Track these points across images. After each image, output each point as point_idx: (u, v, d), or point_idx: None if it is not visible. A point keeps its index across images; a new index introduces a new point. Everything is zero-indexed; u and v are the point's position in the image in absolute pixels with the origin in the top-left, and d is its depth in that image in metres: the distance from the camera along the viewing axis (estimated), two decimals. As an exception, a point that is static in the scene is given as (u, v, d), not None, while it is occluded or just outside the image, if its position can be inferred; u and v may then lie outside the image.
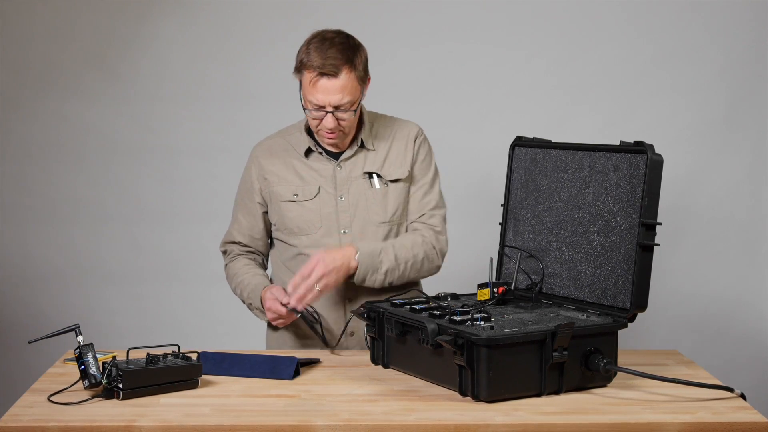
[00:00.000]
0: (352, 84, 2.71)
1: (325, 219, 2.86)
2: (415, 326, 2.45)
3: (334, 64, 2.68)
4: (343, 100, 2.71)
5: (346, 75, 2.69)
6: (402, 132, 2.94)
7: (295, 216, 2.87)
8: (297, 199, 2.87)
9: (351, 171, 2.87)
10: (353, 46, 2.74)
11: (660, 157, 2.43)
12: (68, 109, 4.24)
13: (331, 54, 2.68)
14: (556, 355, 2.33)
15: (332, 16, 4.21)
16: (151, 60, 4.24)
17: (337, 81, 2.69)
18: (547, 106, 4.22)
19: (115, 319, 4.30)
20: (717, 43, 4.17)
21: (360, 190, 2.87)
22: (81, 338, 2.35)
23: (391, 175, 2.88)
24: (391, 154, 2.90)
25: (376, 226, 2.86)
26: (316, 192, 2.86)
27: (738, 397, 2.35)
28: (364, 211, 2.86)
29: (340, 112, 2.72)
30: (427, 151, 2.96)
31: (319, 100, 2.71)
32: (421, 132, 2.96)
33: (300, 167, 2.89)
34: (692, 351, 3.48)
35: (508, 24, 4.22)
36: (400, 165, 2.90)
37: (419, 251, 2.85)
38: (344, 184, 2.87)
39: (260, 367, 2.54)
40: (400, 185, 2.89)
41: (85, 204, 4.29)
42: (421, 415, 2.22)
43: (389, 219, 2.88)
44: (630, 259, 2.46)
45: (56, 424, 2.16)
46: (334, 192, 2.86)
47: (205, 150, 4.27)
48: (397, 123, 2.97)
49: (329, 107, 2.71)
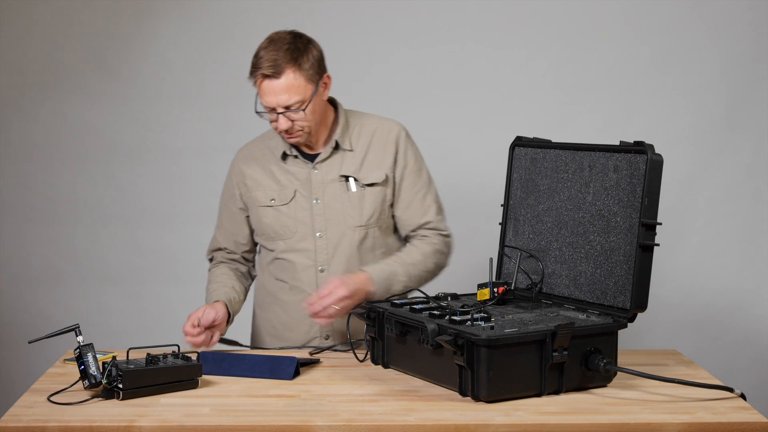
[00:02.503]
0: (298, 84, 2.69)
1: (301, 223, 2.85)
2: (415, 326, 2.45)
3: (277, 64, 2.67)
4: (290, 101, 2.70)
5: (290, 75, 2.69)
6: (382, 132, 2.89)
7: (272, 221, 2.87)
8: (274, 203, 2.87)
9: (327, 174, 2.85)
10: (300, 46, 2.72)
11: (660, 157, 2.43)
12: (68, 109, 4.24)
13: (274, 55, 2.68)
14: (556, 355, 2.33)
15: (332, 16, 4.23)
16: (151, 60, 4.23)
17: (281, 81, 2.68)
18: (547, 106, 4.21)
19: (115, 319, 4.30)
20: (717, 43, 4.17)
21: (336, 193, 2.85)
22: (81, 338, 2.35)
23: (367, 179, 2.85)
24: (369, 155, 2.87)
25: (352, 230, 2.84)
26: (291, 196, 2.86)
27: (738, 397, 2.35)
28: (340, 215, 2.84)
29: (291, 112, 2.71)
30: (414, 151, 2.92)
31: (268, 102, 2.71)
32: (403, 131, 2.91)
33: (278, 171, 2.88)
34: (692, 351, 3.48)
35: (507, 24, 4.22)
36: (378, 167, 2.86)
37: (430, 263, 2.85)
38: (319, 187, 2.85)
39: (260, 367, 2.54)
40: (377, 189, 2.86)
41: (85, 204, 4.29)
42: (421, 415, 2.22)
43: (365, 223, 2.85)
44: (630, 259, 2.46)
45: (56, 424, 2.16)
46: (309, 195, 2.85)
47: (205, 150, 4.27)
48: (377, 122, 2.92)
49: (279, 108, 2.71)
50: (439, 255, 2.89)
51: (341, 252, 2.84)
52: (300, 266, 2.86)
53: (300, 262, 2.86)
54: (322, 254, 2.85)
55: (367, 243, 2.86)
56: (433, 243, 2.88)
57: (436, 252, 2.87)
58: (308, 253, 2.85)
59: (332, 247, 2.84)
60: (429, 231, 2.90)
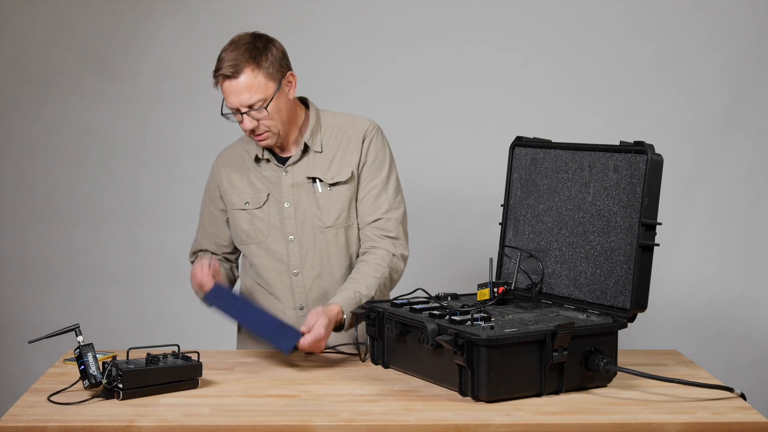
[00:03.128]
0: (258, 82, 2.69)
1: (273, 227, 2.85)
2: (415, 326, 2.45)
3: (234, 64, 2.67)
4: (251, 99, 2.69)
5: (249, 74, 2.68)
6: (352, 131, 2.87)
7: (245, 224, 2.87)
8: (248, 207, 2.87)
9: (296, 176, 2.84)
10: (259, 45, 2.72)
11: (660, 157, 2.43)
12: (68, 109, 4.24)
13: (233, 56, 2.68)
14: (556, 355, 2.33)
15: (332, 16, 4.23)
16: (151, 60, 4.23)
17: (240, 80, 2.68)
18: (547, 106, 4.21)
19: (115, 319, 4.30)
20: (717, 43, 4.17)
21: (304, 195, 2.84)
22: (81, 338, 2.35)
23: (333, 179, 2.83)
24: (338, 154, 2.85)
25: (322, 231, 2.83)
26: (264, 200, 2.85)
27: (738, 397, 2.35)
28: (309, 217, 2.83)
29: (254, 111, 2.71)
30: (379, 149, 2.87)
31: (231, 103, 2.71)
32: (372, 129, 2.87)
33: (253, 175, 2.88)
34: (692, 351, 3.48)
35: (508, 24, 4.22)
36: (345, 165, 2.84)
37: (384, 270, 2.80)
38: (289, 190, 2.84)
39: (265, 326, 2.53)
40: (343, 188, 2.84)
41: (85, 204, 4.29)
42: (421, 415, 2.22)
43: (333, 223, 2.84)
44: (630, 259, 2.46)
45: (56, 424, 2.16)
46: (281, 199, 2.84)
47: (205, 150, 4.24)
48: (349, 121, 2.89)
49: (243, 108, 2.70)
50: (390, 259, 2.82)
51: (314, 254, 2.84)
52: (274, 270, 2.86)
53: (273, 266, 2.87)
54: (294, 257, 2.85)
55: (339, 243, 2.85)
56: (379, 250, 2.82)
57: (384, 258, 2.81)
58: (280, 256, 2.85)
59: (304, 250, 2.84)
60: (374, 232, 2.84)
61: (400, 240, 2.87)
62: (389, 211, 2.86)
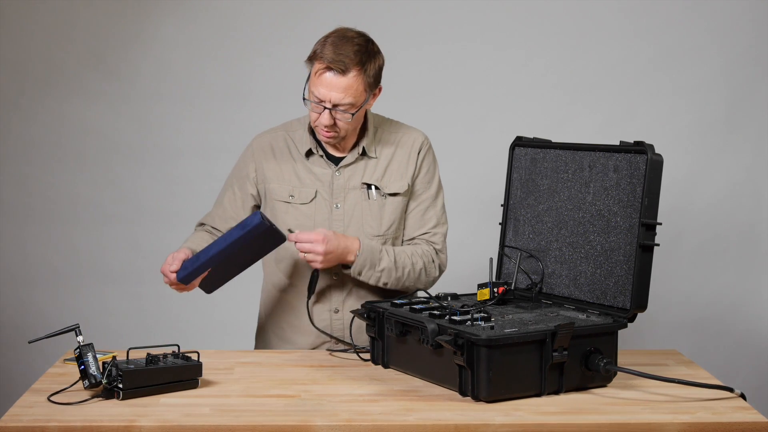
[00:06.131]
0: (357, 87, 2.67)
1: (319, 226, 2.80)
2: (415, 326, 2.45)
3: (344, 61, 2.65)
4: (343, 100, 2.67)
5: (353, 76, 2.66)
6: (407, 141, 2.87)
7: (289, 218, 2.82)
8: (293, 201, 2.83)
9: (349, 179, 2.82)
10: (370, 51, 2.71)
11: (660, 157, 2.43)
12: (68, 109, 4.24)
13: (345, 51, 2.66)
14: (556, 355, 2.33)
15: (332, 16, 4.20)
16: (151, 60, 4.24)
17: (343, 79, 2.65)
18: (547, 106, 4.22)
19: (115, 319, 4.30)
20: (717, 43, 4.17)
21: (356, 200, 2.82)
22: (81, 338, 2.35)
23: (389, 188, 2.83)
24: (393, 164, 2.85)
25: (370, 239, 2.81)
26: (312, 196, 2.82)
27: (738, 397, 2.35)
28: (359, 223, 2.81)
29: (338, 111, 2.68)
30: (430, 163, 2.89)
31: (321, 94, 2.67)
32: (427, 142, 2.90)
33: (299, 168, 2.84)
34: (692, 351, 3.49)
35: (508, 24, 4.22)
36: (400, 177, 2.84)
37: (418, 261, 2.81)
38: (341, 192, 2.82)
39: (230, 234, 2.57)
40: (398, 199, 2.84)
41: (85, 204, 4.29)
42: (421, 415, 2.22)
43: (383, 233, 2.82)
44: (630, 259, 2.46)
45: (56, 424, 2.16)
46: (330, 199, 2.82)
47: (205, 150, 4.27)
48: (402, 130, 2.90)
49: (328, 103, 2.67)
50: (428, 260, 2.83)
51: None
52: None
53: None
54: None
55: None
56: (423, 248, 2.84)
57: (425, 255, 2.83)
58: None
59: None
60: (421, 241, 2.87)
61: (443, 254, 2.89)
62: (437, 226, 2.89)
